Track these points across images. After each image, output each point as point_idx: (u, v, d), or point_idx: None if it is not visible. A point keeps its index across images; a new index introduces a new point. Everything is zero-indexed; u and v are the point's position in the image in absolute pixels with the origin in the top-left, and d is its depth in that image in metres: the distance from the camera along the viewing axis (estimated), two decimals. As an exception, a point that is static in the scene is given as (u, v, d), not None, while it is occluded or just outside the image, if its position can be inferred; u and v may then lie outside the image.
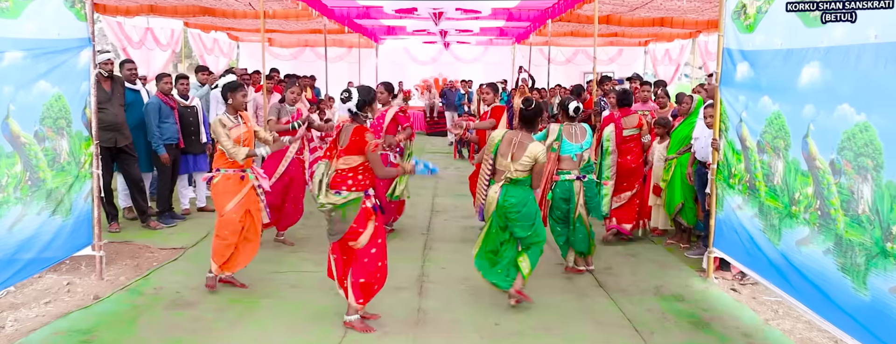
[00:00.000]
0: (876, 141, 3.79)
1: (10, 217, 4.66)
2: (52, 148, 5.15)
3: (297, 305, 5.33)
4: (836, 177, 4.21)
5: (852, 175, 4.03)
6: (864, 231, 3.94)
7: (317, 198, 4.77)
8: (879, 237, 3.80)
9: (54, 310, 5.12)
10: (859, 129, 3.94)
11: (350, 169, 4.70)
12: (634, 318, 5.15)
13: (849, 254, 4.09)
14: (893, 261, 3.68)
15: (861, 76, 4.00)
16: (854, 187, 4.02)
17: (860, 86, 4.01)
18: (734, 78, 5.68)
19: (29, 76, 4.83)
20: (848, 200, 4.09)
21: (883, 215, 3.76)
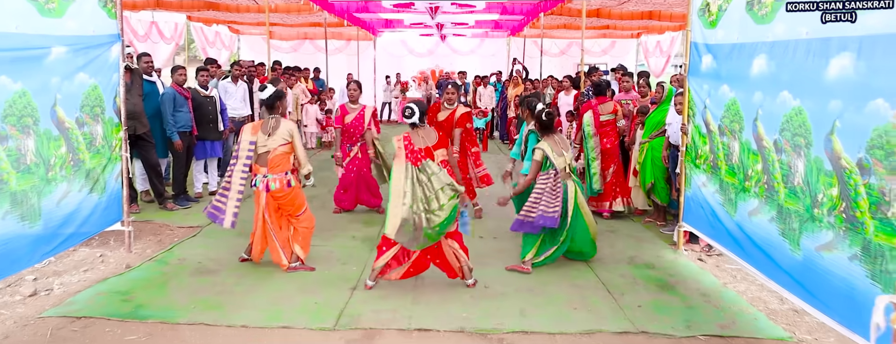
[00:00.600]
0: (807, 122, 4.45)
1: (58, 193, 5.30)
2: (89, 132, 5.78)
3: (307, 273, 5.97)
4: (778, 154, 4.86)
5: (790, 152, 4.68)
6: (799, 200, 4.59)
7: (436, 195, 5.37)
8: (809, 205, 4.45)
9: (93, 276, 5.77)
10: (795, 112, 4.59)
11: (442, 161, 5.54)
12: (608, 282, 5.81)
13: (787, 220, 4.74)
14: (819, 224, 4.34)
15: (797, 67, 4.64)
16: (791, 163, 4.68)
17: (796, 75, 4.66)
18: (700, 69, 6.32)
19: (71, 68, 5.46)
20: (787, 173, 4.74)
21: (812, 186, 4.42)
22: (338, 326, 4.73)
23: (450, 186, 5.26)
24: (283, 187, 5.82)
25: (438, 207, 5.22)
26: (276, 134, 5.76)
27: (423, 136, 5.48)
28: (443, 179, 5.27)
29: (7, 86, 4.63)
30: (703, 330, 4.73)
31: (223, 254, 6.49)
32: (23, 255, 4.91)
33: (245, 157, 5.76)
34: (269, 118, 5.89)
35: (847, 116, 4.01)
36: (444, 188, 5.24)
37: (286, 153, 5.83)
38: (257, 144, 5.76)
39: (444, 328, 4.70)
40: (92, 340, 4.42)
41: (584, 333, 4.64)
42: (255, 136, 5.77)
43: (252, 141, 5.76)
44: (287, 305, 5.13)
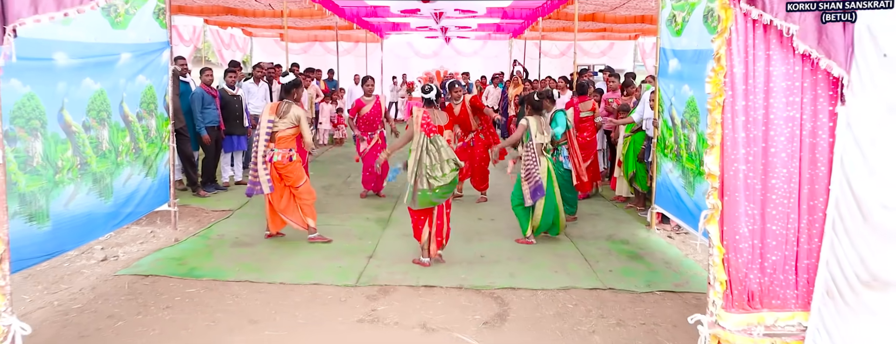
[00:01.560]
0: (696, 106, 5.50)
1: (123, 175, 6.33)
2: (146, 125, 6.82)
3: (330, 245, 7.00)
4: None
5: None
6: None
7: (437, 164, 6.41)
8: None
9: (148, 247, 6.81)
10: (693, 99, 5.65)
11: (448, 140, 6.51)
12: (586, 253, 6.82)
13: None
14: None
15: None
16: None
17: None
18: (667, 71, 7.33)
19: (133, 71, 6.49)
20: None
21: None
22: (358, 283, 5.76)
23: (453, 160, 6.22)
24: (284, 160, 6.95)
25: (441, 175, 6.13)
26: (286, 117, 6.89)
27: (437, 116, 6.48)
28: (449, 154, 6.23)
29: (90, 86, 5.67)
30: (659, 287, 5.74)
31: (256, 231, 7.52)
32: (99, 225, 5.94)
33: (265, 132, 6.88)
34: (283, 102, 6.97)
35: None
36: (448, 161, 6.19)
37: (292, 134, 6.97)
38: (273, 123, 6.87)
39: (446, 285, 5.72)
40: (160, 292, 5.45)
41: (560, 289, 5.66)
42: (272, 115, 6.87)
43: (270, 119, 6.86)
44: (315, 268, 6.16)
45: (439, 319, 4.97)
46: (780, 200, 2.70)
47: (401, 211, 8.71)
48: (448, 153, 6.23)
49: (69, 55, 5.34)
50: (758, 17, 2.59)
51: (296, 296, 5.44)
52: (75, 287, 5.52)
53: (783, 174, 2.69)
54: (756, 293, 2.76)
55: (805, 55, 2.60)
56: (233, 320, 4.89)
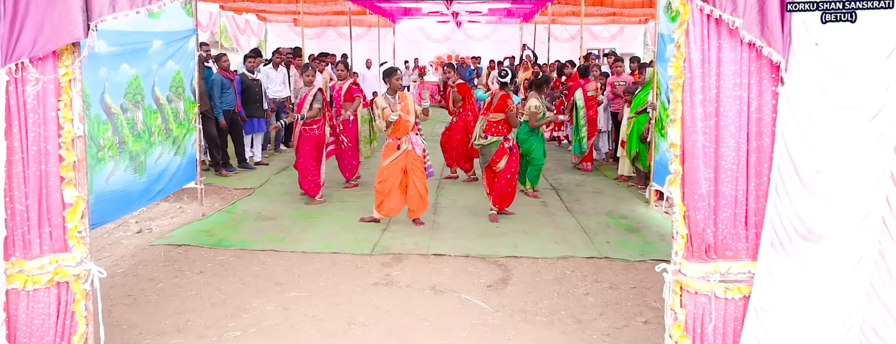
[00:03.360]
0: None
1: (156, 154, 6.85)
2: (175, 108, 7.32)
3: (346, 218, 7.50)
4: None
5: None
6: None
7: (474, 140, 7.56)
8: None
9: (178, 221, 7.34)
10: None
11: (496, 122, 7.40)
12: (586, 227, 7.29)
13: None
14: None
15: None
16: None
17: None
18: (665, 55, 7.74)
19: (164, 57, 6.99)
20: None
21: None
22: (374, 252, 6.26)
23: (479, 140, 7.46)
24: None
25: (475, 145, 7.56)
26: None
27: (495, 98, 7.24)
28: (478, 133, 7.48)
29: (127, 71, 6.17)
30: (652, 257, 6.20)
31: (277, 207, 8.04)
32: (134, 199, 6.47)
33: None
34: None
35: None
36: (478, 138, 7.50)
37: None
38: None
39: (454, 254, 6.22)
40: (194, 258, 5.98)
41: (560, 258, 6.14)
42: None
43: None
44: (334, 239, 6.68)
45: (448, 282, 5.47)
46: (729, 166, 3.15)
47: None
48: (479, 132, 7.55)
49: (109, 43, 5.83)
50: (710, 12, 3.03)
51: (317, 263, 5.94)
52: (117, 255, 6.05)
53: (732, 144, 3.14)
54: (712, 245, 3.23)
55: (751, 44, 3.04)
56: (260, 283, 5.41)
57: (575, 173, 10.54)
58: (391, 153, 7.04)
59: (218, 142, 10.00)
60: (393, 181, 7.04)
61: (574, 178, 10.17)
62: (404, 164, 7.05)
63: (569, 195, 8.91)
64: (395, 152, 7.02)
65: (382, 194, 7.09)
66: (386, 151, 7.11)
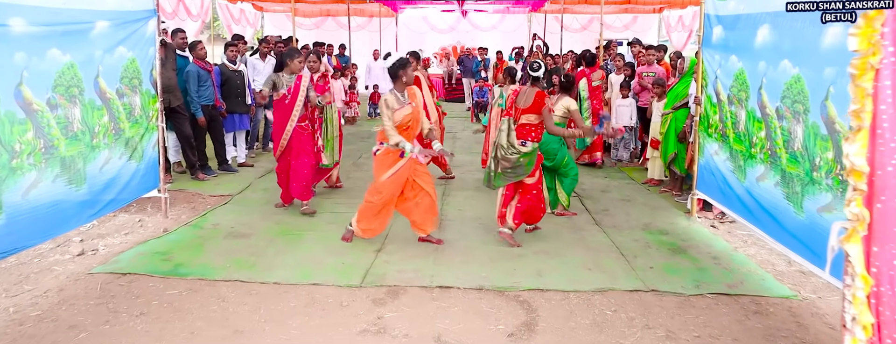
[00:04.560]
0: (805, 89, 4.65)
1: (101, 159, 5.63)
2: (128, 103, 6.10)
3: (334, 236, 6.27)
4: (779, 121, 5.07)
5: (790, 119, 4.89)
6: (799, 164, 4.81)
7: (507, 150, 5.96)
8: (809, 168, 4.67)
9: (133, 238, 6.12)
10: (794, 80, 4.80)
11: (531, 125, 5.95)
12: (622, 245, 6.06)
13: (791, 184, 4.96)
14: (818, 187, 4.56)
15: (796, 35, 4.84)
16: (791, 129, 4.89)
17: (795, 43, 4.86)
18: (711, 40, 6.51)
19: (112, 42, 5.77)
20: (788, 139, 4.96)
21: (810, 150, 4.64)
22: (364, 283, 5.04)
23: (513, 149, 5.91)
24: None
25: (504, 157, 5.95)
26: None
27: (527, 96, 5.98)
28: (510, 140, 5.91)
29: (57, 58, 4.96)
30: (711, 289, 4.97)
31: (254, 219, 6.83)
32: (71, 216, 5.26)
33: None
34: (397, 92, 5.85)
35: (840, 83, 4.21)
36: (511, 147, 5.92)
37: None
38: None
39: (464, 286, 4.99)
40: (137, 293, 4.76)
41: (596, 291, 4.91)
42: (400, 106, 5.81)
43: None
44: (316, 265, 5.45)
45: (456, 330, 4.25)
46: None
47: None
48: (510, 140, 5.94)
49: (29, 22, 4.63)
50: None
51: (291, 299, 4.73)
52: (40, 289, 4.83)
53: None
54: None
55: None
56: (215, 330, 4.19)
57: (597, 176, 9.31)
58: (392, 163, 5.75)
59: (193, 141, 8.77)
60: (392, 194, 5.84)
61: (597, 182, 8.94)
62: (408, 174, 5.84)
63: (595, 204, 7.68)
64: (399, 162, 5.74)
65: (372, 210, 5.88)
66: (383, 161, 5.78)
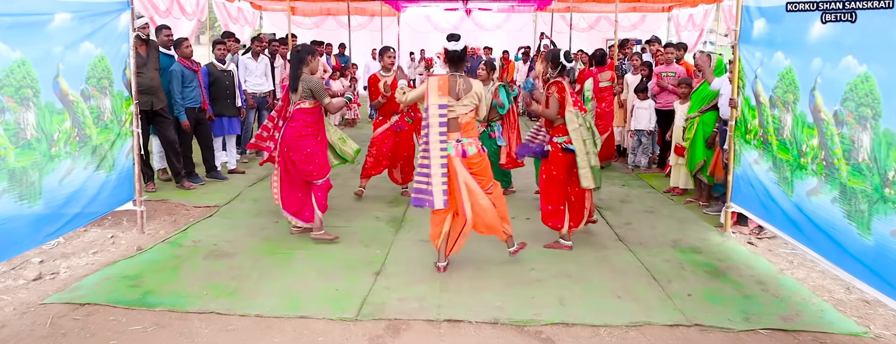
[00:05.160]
0: (875, 91, 3.97)
1: (61, 170, 4.95)
2: (96, 106, 5.42)
3: (328, 255, 5.59)
4: (838, 127, 4.39)
5: (853, 125, 4.20)
6: (865, 178, 4.12)
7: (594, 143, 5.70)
8: (878, 184, 3.98)
9: (102, 259, 5.43)
10: (861, 79, 4.11)
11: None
12: (652, 267, 5.37)
13: (853, 201, 4.27)
14: (892, 205, 3.86)
15: (863, 28, 4.15)
16: (855, 136, 4.20)
17: (862, 38, 4.17)
18: (751, 35, 5.81)
19: (75, 37, 5.09)
20: (849, 149, 4.27)
21: (881, 162, 3.95)
22: (360, 315, 4.34)
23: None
24: (480, 151, 5.21)
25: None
26: (467, 96, 5.07)
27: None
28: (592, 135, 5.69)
29: (4, 54, 4.28)
30: (763, 323, 4.27)
31: (240, 236, 6.14)
32: (23, 236, 4.58)
33: (438, 122, 5.00)
34: (454, 77, 5.10)
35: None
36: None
37: (473, 119, 5.24)
38: (448, 108, 5.06)
39: (476, 319, 4.29)
40: (93, 330, 4.06)
41: (631, 326, 4.21)
42: (443, 97, 5.01)
43: (443, 104, 5.01)
44: (306, 292, 4.75)
45: (469, 378, 3.56)
46: None
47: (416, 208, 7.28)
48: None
49: (-34, 12, 3.95)
50: None
51: (274, 335, 4.04)
52: (-20, 324, 4.15)
53: None
54: None
55: None
56: (180, 380, 3.51)
57: (614, 184, 8.62)
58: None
59: (178, 147, 8.08)
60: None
61: (616, 190, 8.24)
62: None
63: (615, 216, 6.99)
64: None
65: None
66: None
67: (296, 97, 5.78)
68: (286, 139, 5.86)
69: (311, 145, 5.87)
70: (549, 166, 5.81)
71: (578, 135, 5.55)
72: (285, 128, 5.88)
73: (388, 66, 7.48)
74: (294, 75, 5.76)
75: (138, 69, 7.26)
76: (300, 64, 5.74)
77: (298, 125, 5.83)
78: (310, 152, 5.86)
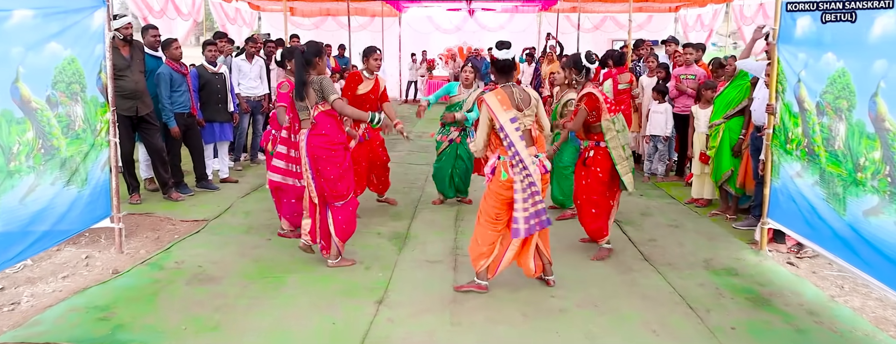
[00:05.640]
0: (849, 84, 3.41)
1: (22, 187, 4.38)
2: (65, 114, 4.85)
3: (324, 280, 5.02)
4: (910, 139, 3.82)
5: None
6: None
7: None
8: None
9: (72, 285, 4.86)
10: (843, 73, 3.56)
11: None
12: (687, 293, 4.80)
13: (931, 224, 3.70)
14: None
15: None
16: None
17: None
18: (794, 34, 5.24)
19: (39, 37, 4.52)
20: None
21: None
22: (360, 355, 3.79)
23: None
24: (546, 168, 4.68)
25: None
26: (530, 106, 4.56)
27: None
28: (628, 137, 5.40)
29: (-53, 56, 3.71)
30: (825, 365, 3.71)
31: (228, 255, 5.58)
32: (-24, 263, 4.01)
33: (519, 137, 4.43)
34: (508, 87, 4.56)
35: None
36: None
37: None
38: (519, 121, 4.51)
39: (494, 360, 3.73)
40: (51, 377, 3.51)
41: (672, 369, 3.65)
42: (509, 110, 4.45)
43: (513, 117, 4.45)
44: (298, 327, 4.17)
45: None
46: None
47: (421, 222, 6.74)
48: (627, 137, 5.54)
49: None
50: None
51: (261, 383, 3.48)
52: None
53: None
54: None
55: None
56: None
57: (632, 194, 7.96)
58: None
59: (165, 155, 7.51)
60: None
61: (634, 201, 7.66)
62: None
63: (637, 232, 6.42)
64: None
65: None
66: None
67: (311, 101, 5.02)
68: (314, 149, 5.02)
69: (343, 159, 5.13)
70: (592, 169, 5.47)
71: (617, 142, 5.30)
72: (309, 137, 5.04)
73: (374, 68, 6.86)
74: (300, 79, 5.01)
75: (121, 72, 6.79)
76: (307, 66, 5.00)
77: (330, 132, 5.03)
78: (345, 167, 5.13)
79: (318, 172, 5.09)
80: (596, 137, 5.47)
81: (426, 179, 8.75)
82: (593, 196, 5.50)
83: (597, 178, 5.47)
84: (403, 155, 10.47)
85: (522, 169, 4.41)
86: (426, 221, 6.77)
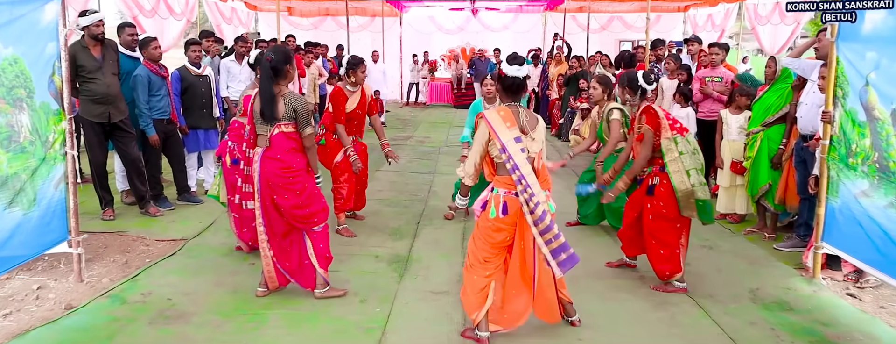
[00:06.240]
0: None
1: (-55, 213, 3.67)
2: (6, 124, 4.13)
3: (311, 318, 4.28)
4: None
5: None
6: None
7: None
8: None
9: (12, 325, 4.12)
10: None
11: None
12: (737, 335, 4.06)
13: None
14: None
15: None
16: None
17: None
18: (860, 30, 4.50)
19: (-31, 33, 3.81)
20: None
21: None
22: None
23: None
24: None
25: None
26: (537, 129, 3.83)
27: None
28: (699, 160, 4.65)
29: None
30: None
31: (202, 284, 4.84)
32: None
33: (526, 164, 3.69)
34: (514, 107, 3.84)
35: None
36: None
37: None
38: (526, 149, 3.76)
39: None
40: None
41: None
42: (514, 131, 3.72)
43: (517, 137, 3.72)
44: (277, 382, 3.46)
45: None
46: None
47: (424, 241, 6.01)
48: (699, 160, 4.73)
49: None
50: None
51: None
52: None
53: None
54: None
55: None
56: None
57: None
58: None
59: (142, 166, 6.78)
60: None
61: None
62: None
63: (669, 254, 5.68)
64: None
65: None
66: None
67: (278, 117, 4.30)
68: (268, 177, 4.32)
69: (304, 182, 4.39)
70: (657, 203, 4.67)
71: (679, 165, 4.50)
72: (263, 159, 4.33)
73: (360, 81, 6.13)
74: (269, 93, 4.21)
75: (92, 75, 6.14)
76: (277, 77, 4.26)
77: (286, 157, 4.33)
78: (308, 193, 4.38)
79: (273, 201, 4.36)
80: (658, 162, 4.69)
81: (429, 190, 8.03)
82: (660, 233, 4.71)
83: (661, 214, 4.68)
84: (403, 162, 9.65)
85: (531, 196, 3.63)
86: (430, 240, 6.05)
